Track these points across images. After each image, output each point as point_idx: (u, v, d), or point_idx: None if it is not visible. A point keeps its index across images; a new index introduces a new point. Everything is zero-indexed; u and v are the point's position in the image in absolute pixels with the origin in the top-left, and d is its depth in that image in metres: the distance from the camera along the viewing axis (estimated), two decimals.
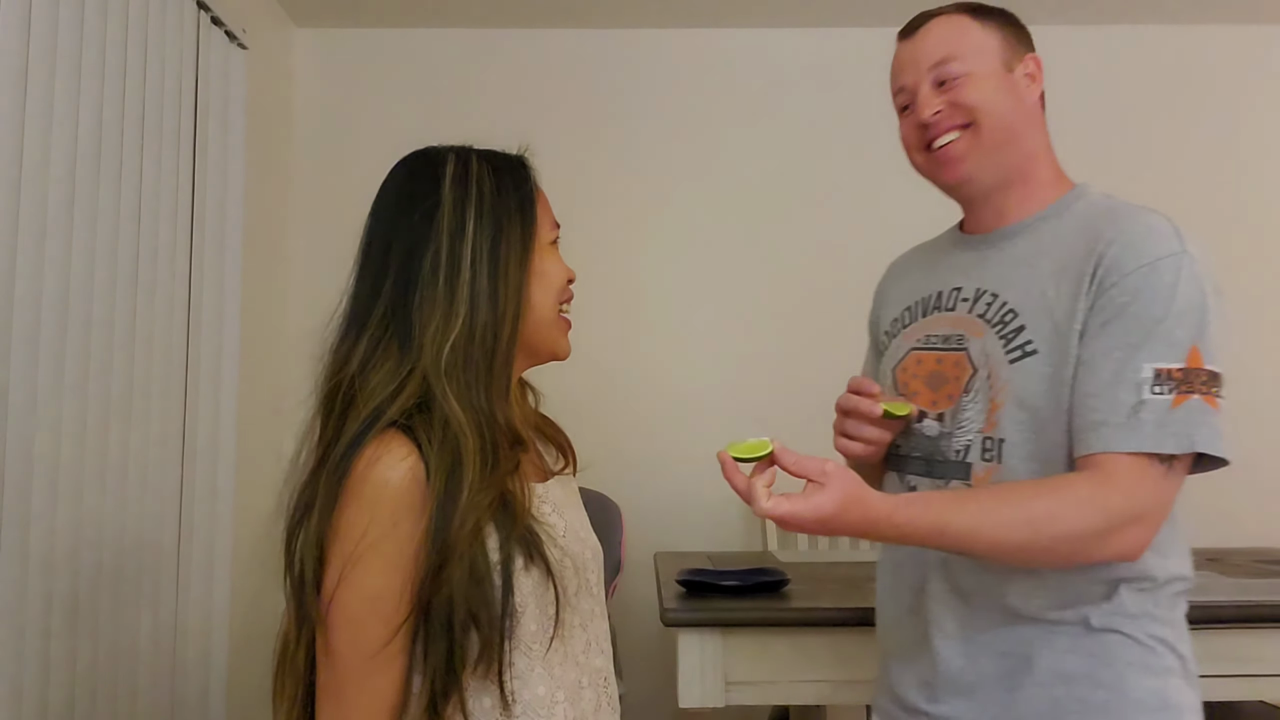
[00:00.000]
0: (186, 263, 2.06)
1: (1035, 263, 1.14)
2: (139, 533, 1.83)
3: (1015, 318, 1.12)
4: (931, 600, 1.18)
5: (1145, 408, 1.01)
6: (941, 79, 1.14)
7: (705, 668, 1.60)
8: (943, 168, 1.17)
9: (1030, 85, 1.18)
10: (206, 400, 2.11)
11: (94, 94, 1.69)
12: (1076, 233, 1.12)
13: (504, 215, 1.01)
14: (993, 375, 1.13)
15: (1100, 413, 1.03)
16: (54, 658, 1.55)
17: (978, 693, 1.13)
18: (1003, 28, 1.18)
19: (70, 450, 1.61)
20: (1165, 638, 1.10)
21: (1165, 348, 1.03)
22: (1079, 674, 1.09)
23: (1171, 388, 1.02)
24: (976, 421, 1.14)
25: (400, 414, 0.93)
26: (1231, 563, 2.07)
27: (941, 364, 1.19)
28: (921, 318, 1.25)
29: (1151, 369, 1.02)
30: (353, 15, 2.78)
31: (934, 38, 1.16)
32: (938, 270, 1.26)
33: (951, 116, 1.14)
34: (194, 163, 2.09)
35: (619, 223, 2.83)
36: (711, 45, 2.88)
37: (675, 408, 2.76)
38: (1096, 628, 1.09)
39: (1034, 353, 1.10)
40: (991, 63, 1.15)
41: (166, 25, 1.95)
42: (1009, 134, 1.15)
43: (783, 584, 1.76)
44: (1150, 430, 1.01)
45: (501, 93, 2.85)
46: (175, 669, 1.97)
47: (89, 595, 1.66)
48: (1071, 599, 1.10)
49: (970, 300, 1.18)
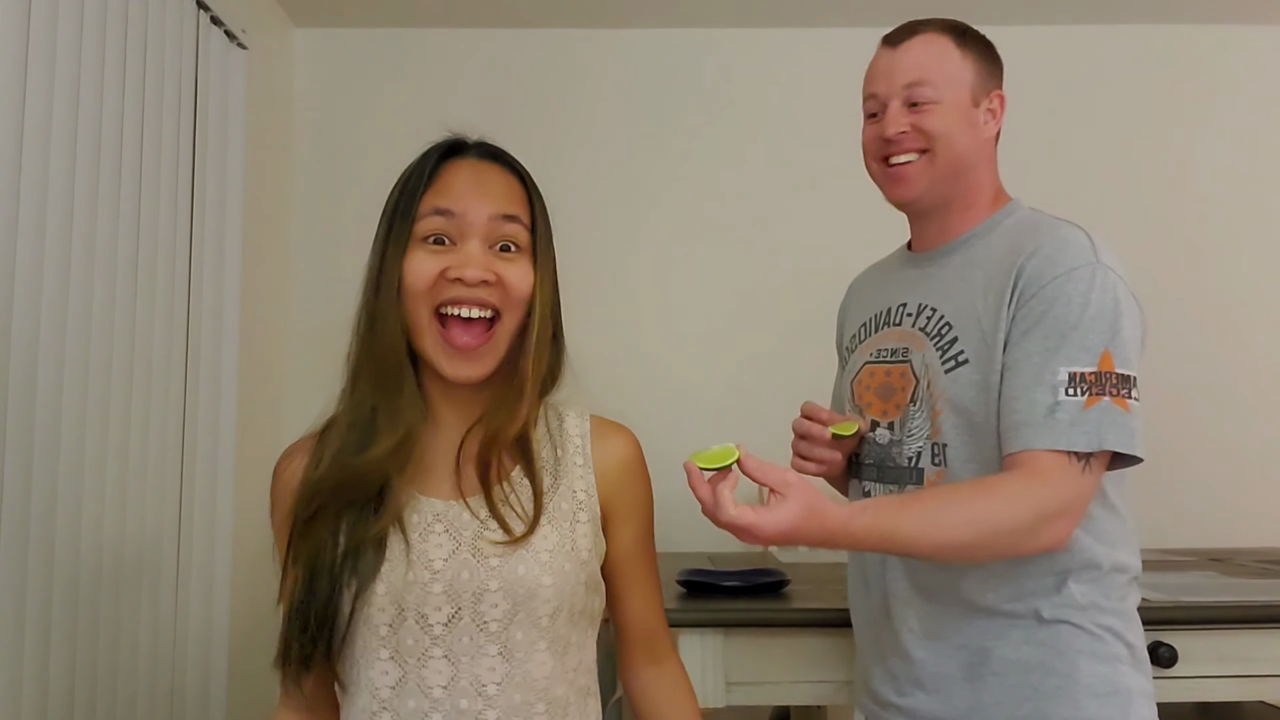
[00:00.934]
0: (186, 262, 2.05)
1: (967, 276, 1.22)
2: (139, 533, 1.83)
3: (950, 329, 1.21)
4: (895, 599, 1.25)
5: (1060, 408, 1.08)
6: (913, 100, 1.21)
7: (705, 668, 1.60)
8: (895, 184, 1.25)
9: (990, 121, 1.25)
10: (206, 400, 2.11)
11: (93, 94, 1.69)
12: (1003, 246, 1.20)
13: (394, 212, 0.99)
14: (932, 385, 1.21)
15: (1020, 414, 1.10)
16: (54, 658, 1.55)
17: (942, 686, 1.20)
18: (979, 59, 1.24)
19: (70, 450, 1.60)
20: (1113, 626, 1.17)
21: (1078, 352, 1.09)
22: (1033, 663, 1.16)
23: (1084, 390, 1.08)
24: (923, 429, 1.22)
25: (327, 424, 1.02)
26: (1234, 563, 2.07)
27: (889, 376, 1.27)
28: (874, 333, 1.33)
29: (1066, 372, 1.09)
30: (353, 15, 2.78)
31: (914, 56, 1.22)
32: (888, 287, 1.35)
33: (914, 139, 1.21)
34: (194, 163, 2.09)
35: (619, 222, 2.83)
36: (712, 45, 2.88)
37: (675, 408, 2.76)
38: (1048, 619, 1.16)
39: (965, 362, 1.18)
40: (961, 95, 1.21)
41: (166, 25, 1.95)
42: (961, 165, 1.22)
43: (783, 584, 1.76)
44: (1064, 429, 1.08)
45: (501, 93, 2.85)
46: (175, 669, 1.97)
47: (89, 595, 1.66)
48: (1023, 592, 1.17)
49: (913, 315, 1.27)
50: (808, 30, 2.87)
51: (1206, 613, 1.60)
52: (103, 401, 1.71)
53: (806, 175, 2.83)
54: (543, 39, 2.86)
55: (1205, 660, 1.61)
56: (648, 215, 2.84)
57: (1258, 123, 2.85)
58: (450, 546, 0.96)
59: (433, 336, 0.96)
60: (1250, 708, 1.99)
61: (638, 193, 2.85)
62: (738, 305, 2.82)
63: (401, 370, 0.98)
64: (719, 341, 2.81)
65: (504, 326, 0.98)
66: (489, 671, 0.95)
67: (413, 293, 0.95)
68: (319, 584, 0.94)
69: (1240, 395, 2.76)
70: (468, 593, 0.95)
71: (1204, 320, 2.78)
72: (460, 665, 0.94)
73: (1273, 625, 1.61)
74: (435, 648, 0.94)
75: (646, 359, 2.77)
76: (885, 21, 1.30)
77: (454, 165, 1.00)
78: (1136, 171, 2.83)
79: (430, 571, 0.95)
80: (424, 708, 0.94)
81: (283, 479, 1.03)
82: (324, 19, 2.81)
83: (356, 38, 2.87)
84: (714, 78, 2.88)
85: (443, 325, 0.97)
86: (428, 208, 0.96)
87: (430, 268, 0.95)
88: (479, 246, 0.96)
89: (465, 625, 0.95)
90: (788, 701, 1.67)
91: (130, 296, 1.81)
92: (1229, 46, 2.85)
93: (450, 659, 0.94)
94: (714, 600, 1.67)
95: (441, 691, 0.94)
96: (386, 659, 0.95)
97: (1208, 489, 2.69)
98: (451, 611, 0.94)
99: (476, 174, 0.99)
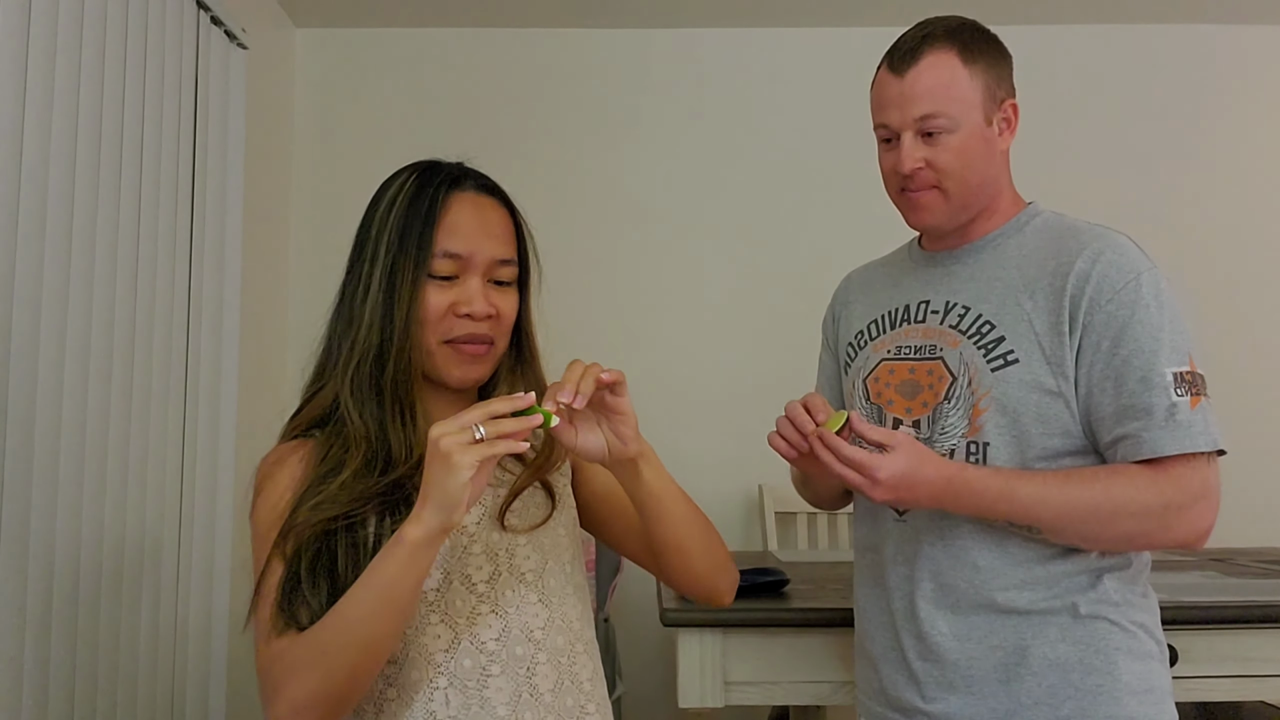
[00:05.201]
0: (186, 263, 2.06)
1: (1002, 276, 1.22)
2: (139, 533, 1.83)
3: (993, 329, 1.20)
4: (923, 601, 1.22)
5: (1178, 409, 1.10)
6: (926, 130, 1.19)
7: (705, 668, 1.60)
8: (914, 212, 1.25)
9: (1004, 131, 1.24)
10: (206, 400, 2.11)
11: (94, 94, 1.69)
12: (1040, 248, 1.21)
13: (402, 243, 1.04)
14: (974, 382, 1.20)
15: (1141, 420, 1.11)
16: (54, 658, 1.55)
17: (975, 687, 1.18)
18: (988, 71, 1.21)
19: (70, 450, 1.60)
20: (1145, 624, 1.19)
21: (1172, 353, 1.12)
22: (1071, 661, 1.15)
23: (1186, 390, 1.11)
24: (959, 427, 1.20)
25: (305, 426, 1.06)
26: (1234, 563, 2.07)
27: (914, 373, 1.25)
28: (890, 330, 1.31)
29: (1171, 373, 1.11)
30: (353, 15, 2.78)
31: (924, 85, 1.18)
32: (902, 285, 1.34)
33: (928, 176, 1.21)
34: (194, 163, 2.09)
35: (620, 222, 2.83)
36: (712, 44, 2.88)
37: (675, 409, 2.76)
38: (1084, 615, 1.16)
39: (1015, 361, 1.17)
40: (974, 117, 1.20)
41: (166, 25, 1.95)
42: (976, 190, 1.23)
43: (783, 584, 1.76)
44: (1186, 430, 1.10)
45: (501, 93, 2.86)
46: (175, 669, 1.97)
47: (89, 595, 1.66)
48: (1058, 589, 1.17)
49: (940, 312, 1.26)
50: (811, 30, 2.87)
51: (1206, 613, 1.60)
52: (103, 401, 1.71)
53: (804, 174, 2.83)
54: (543, 39, 2.87)
55: (1205, 660, 1.61)
56: (647, 215, 2.85)
57: (1258, 123, 2.85)
58: (478, 512, 1.05)
59: (443, 355, 1.05)
60: (1250, 708, 1.99)
61: (637, 192, 2.85)
62: (739, 305, 2.82)
63: (412, 390, 1.04)
64: (721, 342, 2.81)
65: (496, 349, 1.09)
66: (534, 618, 1.03)
67: (425, 323, 1.03)
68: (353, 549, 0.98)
69: (1240, 395, 2.76)
70: (502, 550, 1.04)
71: (1203, 320, 2.77)
72: (509, 616, 1.02)
73: (1273, 625, 1.61)
74: (482, 604, 1.01)
75: (650, 360, 2.77)
76: (895, 21, 1.28)
77: (457, 200, 1.06)
78: (1136, 172, 2.83)
79: (466, 535, 1.03)
80: (481, 663, 1.00)
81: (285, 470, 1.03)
82: (324, 19, 2.81)
83: (356, 38, 2.87)
84: (714, 77, 2.88)
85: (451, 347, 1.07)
86: (439, 249, 1.04)
87: (441, 302, 1.04)
88: (479, 283, 1.05)
89: (505, 579, 1.03)
90: (788, 701, 1.67)
91: (130, 296, 1.81)
92: (1229, 46, 2.86)
93: (498, 613, 1.02)
94: None
95: (495, 644, 1.01)
96: (437, 623, 1.00)
97: None
98: (492, 569, 1.03)
99: (479, 212, 1.07)
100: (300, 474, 1.02)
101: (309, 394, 1.08)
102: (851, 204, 2.81)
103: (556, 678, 1.02)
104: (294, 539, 0.97)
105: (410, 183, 1.06)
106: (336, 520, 0.98)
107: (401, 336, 1.02)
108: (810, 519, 2.68)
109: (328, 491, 0.99)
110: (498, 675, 0.99)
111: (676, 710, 1.65)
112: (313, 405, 1.07)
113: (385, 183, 1.10)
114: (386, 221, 1.05)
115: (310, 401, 1.07)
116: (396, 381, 1.03)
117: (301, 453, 1.04)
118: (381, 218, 1.05)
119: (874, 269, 1.45)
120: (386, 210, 1.06)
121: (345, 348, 1.04)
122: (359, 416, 1.02)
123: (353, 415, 1.02)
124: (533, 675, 1.01)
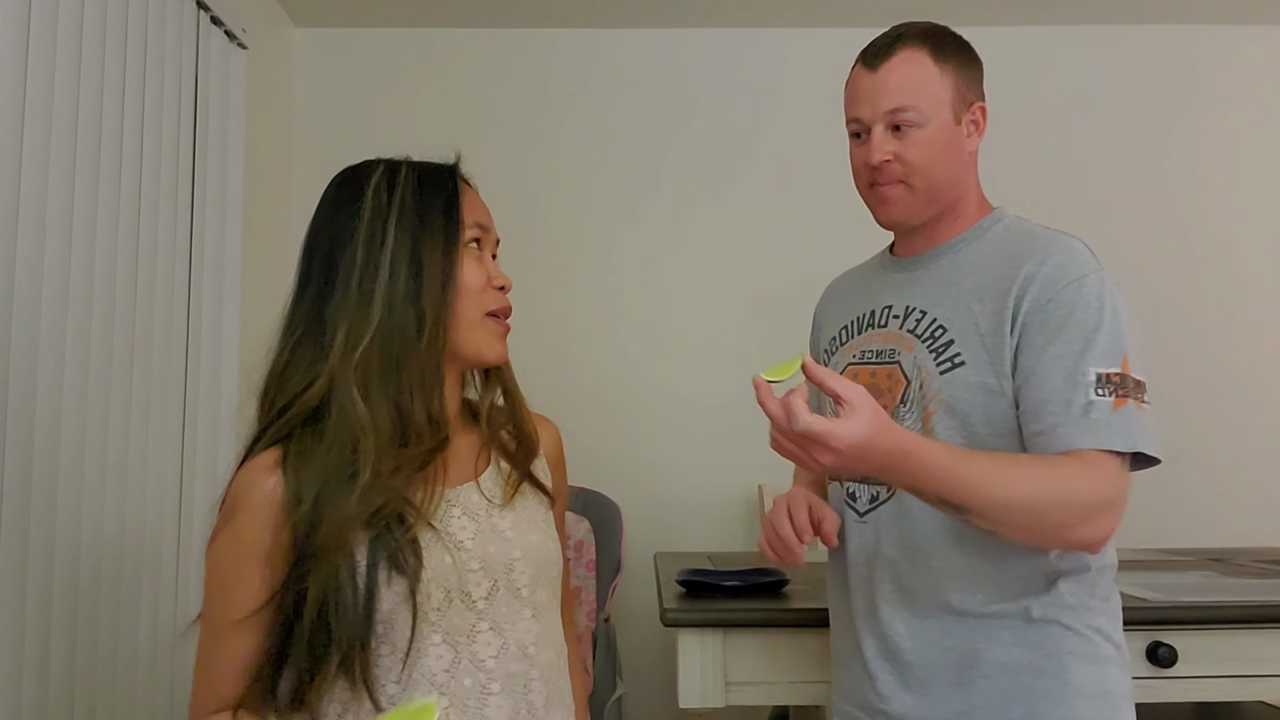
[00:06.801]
0: (186, 262, 2.06)
1: (959, 281, 1.23)
2: (139, 532, 1.84)
3: (944, 332, 1.21)
4: (882, 602, 1.24)
5: (1094, 408, 1.09)
6: (896, 124, 1.21)
7: (705, 668, 1.60)
8: (880, 207, 1.27)
9: (973, 133, 1.25)
10: (206, 400, 2.11)
11: (94, 94, 1.69)
12: (996, 253, 1.22)
13: (425, 220, 1.04)
14: (925, 385, 1.21)
15: (1056, 415, 1.11)
16: (53, 655, 1.55)
17: (930, 689, 1.20)
18: (958, 72, 1.23)
19: (70, 450, 1.61)
20: (1101, 627, 1.18)
21: (1103, 354, 1.11)
22: (1022, 664, 1.16)
23: (1111, 390, 1.10)
24: (913, 429, 1.19)
25: (290, 425, 0.99)
26: (1233, 563, 2.07)
27: (875, 377, 1.27)
28: (857, 335, 1.33)
29: (1095, 373, 1.10)
30: (353, 15, 2.79)
31: (895, 80, 1.21)
32: (871, 291, 1.36)
33: (896, 169, 1.22)
34: (194, 163, 2.09)
35: (619, 222, 2.83)
36: (708, 45, 2.88)
37: (675, 408, 2.76)
38: (1037, 619, 1.16)
39: (962, 364, 1.18)
40: (943, 115, 1.21)
41: (166, 25, 1.95)
42: (943, 187, 1.24)
43: (783, 584, 1.76)
44: (1102, 428, 1.09)
45: (501, 93, 2.86)
46: (175, 669, 1.97)
47: (89, 594, 1.66)
48: (1012, 592, 1.17)
49: (901, 317, 1.27)
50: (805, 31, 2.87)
51: (1206, 613, 1.60)
52: (103, 401, 1.71)
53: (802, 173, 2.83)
54: (542, 39, 2.87)
55: (1205, 660, 1.61)
56: (645, 214, 2.85)
57: (1258, 123, 2.85)
58: (472, 526, 1.03)
59: (485, 328, 1.05)
60: (1250, 708, 1.99)
61: (636, 191, 2.85)
62: (739, 305, 2.82)
63: (442, 363, 1.03)
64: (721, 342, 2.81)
65: None
66: (527, 634, 1.03)
67: (470, 293, 1.04)
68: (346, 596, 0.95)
69: (1240, 395, 2.77)
70: (499, 564, 1.03)
71: (1203, 320, 2.78)
72: (505, 633, 1.02)
73: (1272, 625, 1.61)
74: (482, 621, 1.01)
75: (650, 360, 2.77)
76: (886, 22, 1.29)
77: (463, 184, 1.09)
78: (1135, 172, 2.83)
79: (464, 551, 1.01)
80: (480, 681, 0.99)
81: (267, 498, 0.97)
82: (324, 19, 2.81)
83: (356, 38, 2.87)
84: (714, 77, 2.88)
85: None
86: (470, 219, 1.06)
87: (482, 273, 1.06)
88: (491, 259, 1.09)
89: (502, 595, 1.02)
90: (787, 701, 1.67)
91: (130, 296, 1.81)
92: (1229, 47, 2.86)
93: (496, 629, 1.01)
94: (714, 600, 1.67)
95: (494, 661, 1.00)
96: (439, 643, 0.99)
97: (1208, 489, 2.69)
98: (490, 585, 1.02)
99: (478, 196, 1.11)
100: (281, 499, 0.96)
101: (298, 389, 1.00)
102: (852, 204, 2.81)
103: (548, 693, 1.04)
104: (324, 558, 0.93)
105: (406, 170, 1.06)
106: (381, 512, 0.95)
107: (436, 307, 1.01)
108: None
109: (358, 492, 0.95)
110: (497, 693, 1.00)
111: (676, 710, 1.66)
112: (305, 399, 0.99)
113: (351, 176, 1.09)
114: (386, 204, 1.03)
115: (301, 395, 0.99)
116: (430, 351, 1.00)
117: (275, 478, 0.97)
118: (375, 202, 1.03)
119: (849, 276, 1.48)
120: (379, 194, 1.04)
121: (341, 335, 0.99)
122: (362, 404, 0.97)
123: (355, 405, 0.97)
124: (529, 692, 1.02)
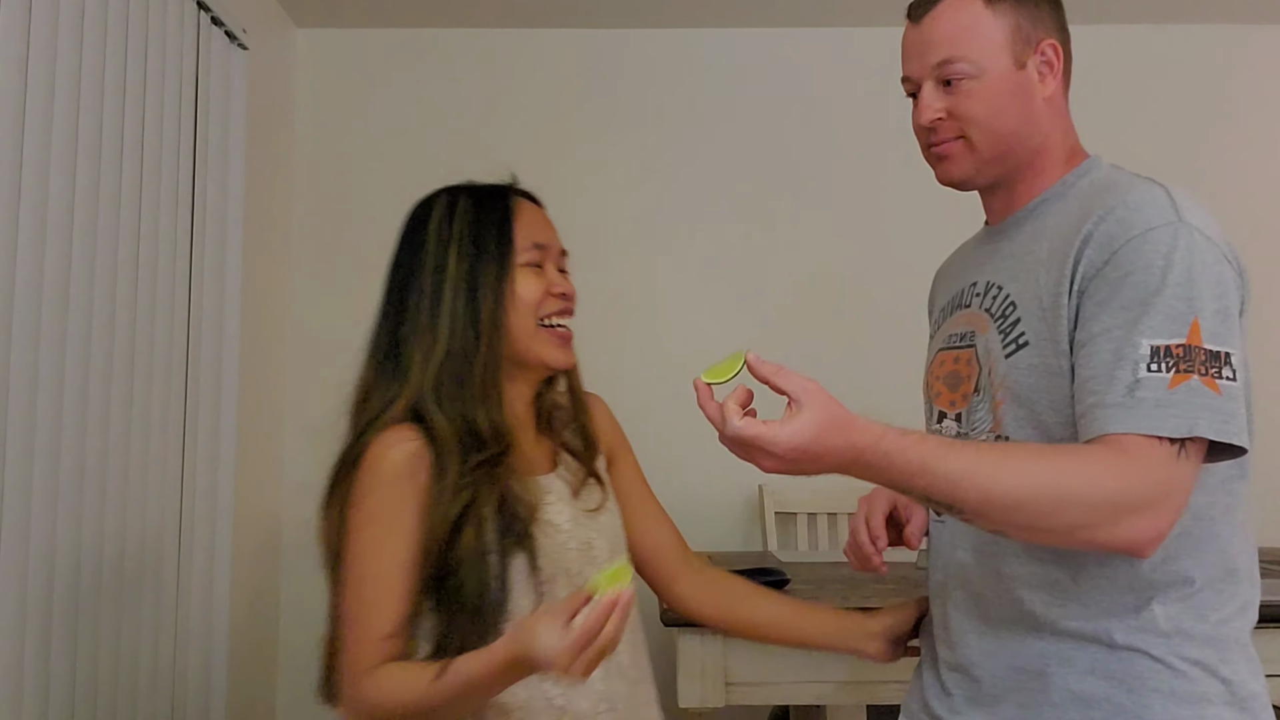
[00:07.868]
0: (187, 263, 2.06)
1: (1035, 249, 1.08)
2: (139, 533, 1.84)
3: (1014, 309, 1.07)
4: (954, 608, 1.13)
5: (1141, 386, 0.92)
6: (946, 78, 1.08)
7: (705, 668, 1.60)
8: (936, 165, 1.14)
9: (1046, 77, 1.10)
10: (207, 401, 2.11)
11: (94, 94, 1.69)
12: (1075, 212, 1.05)
13: (480, 248, 1.16)
14: (993, 372, 1.07)
15: (1097, 394, 0.95)
16: (54, 658, 1.55)
17: (997, 707, 1.07)
18: (1017, 8, 1.09)
19: (70, 450, 1.61)
20: (1203, 660, 0.99)
21: (1162, 322, 0.94)
22: (1098, 698, 1.00)
23: (1169, 365, 0.93)
24: (986, 422, 1.08)
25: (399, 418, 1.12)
26: None
27: (957, 363, 1.15)
28: (950, 317, 1.21)
29: (1148, 345, 0.93)
30: (353, 15, 2.78)
31: (941, 31, 1.08)
32: (966, 268, 1.22)
33: (950, 127, 1.10)
34: (194, 163, 2.09)
35: (623, 222, 2.83)
36: (714, 44, 2.88)
37: (677, 408, 2.75)
38: (1120, 645, 1.00)
39: (1025, 345, 1.04)
40: (1001, 61, 1.07)
41: (167, 25, 1.95)
42: (1010, 142, 1.10)
43: (783, 584, 1.76)
44: (1149, 410, 0.92)
45: (501, 93, 2.85)
46: (175, 670, 1.98)
47: (89, 596, 1.66)
48: (1094, 609, 1.01)
49: (981, 295, 1.14)
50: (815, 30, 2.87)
51: None
52: (103, 401, 1.71)
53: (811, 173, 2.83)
54: (543, 39, 2.86)
55: None
56: (648, 214, 2.85)
57: (1260, 124, 2.85)
58: (568, 511, 1.17)
59: (543, 337, 1.18)
60: None
61: (638, 191, 2.85)
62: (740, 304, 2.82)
63: (500, 374, 1.16)
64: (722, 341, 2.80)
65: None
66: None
67: (525, 306, 1.16)
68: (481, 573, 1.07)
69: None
70: (586, 543, 1.16)
71: None
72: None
73: (1273, 625, 1.61)
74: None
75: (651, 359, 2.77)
76: (896, 22, 1.25)
77: (519, 204, 1.21)
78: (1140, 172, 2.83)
79: (564, 533, 1.14)
80: None
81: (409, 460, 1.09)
82: (325, 19, 2.81)
83: (356, 38, 2.87)
84: (716, 77, 2.88)
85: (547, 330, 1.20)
86: (526, 241, 1.18)
87: (538, 286, 1.18)
88: (556, 270, 1.21)
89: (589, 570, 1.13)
90: (787, 701, 1.67)
91: (131, 296, 1.81)
92: (1230, 47, 2.86)
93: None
94: None
95: None
96: None
97: None
98: (582, 561, 1.14)
99: (539, 213, 1.23)
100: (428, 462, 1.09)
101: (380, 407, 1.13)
102: (857, 204, 2.81)
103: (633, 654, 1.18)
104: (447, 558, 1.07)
105: (463, 199, 1.18)
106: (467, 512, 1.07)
107: (490, 324, 1.13)
108: (810, 519, 2.69)
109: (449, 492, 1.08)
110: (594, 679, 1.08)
111: (676, 710, 1.65)
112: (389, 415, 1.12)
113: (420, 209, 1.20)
114: (448, 235, 1.16)
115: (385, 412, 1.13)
116: (487, 367, 1.13)
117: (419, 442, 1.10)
118: (438, 233, 1.16)
119: (955, 254, 1.33)
120: (442, 226, 1.16)
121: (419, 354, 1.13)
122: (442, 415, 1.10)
123: (437, 416, 1.10)
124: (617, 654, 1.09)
